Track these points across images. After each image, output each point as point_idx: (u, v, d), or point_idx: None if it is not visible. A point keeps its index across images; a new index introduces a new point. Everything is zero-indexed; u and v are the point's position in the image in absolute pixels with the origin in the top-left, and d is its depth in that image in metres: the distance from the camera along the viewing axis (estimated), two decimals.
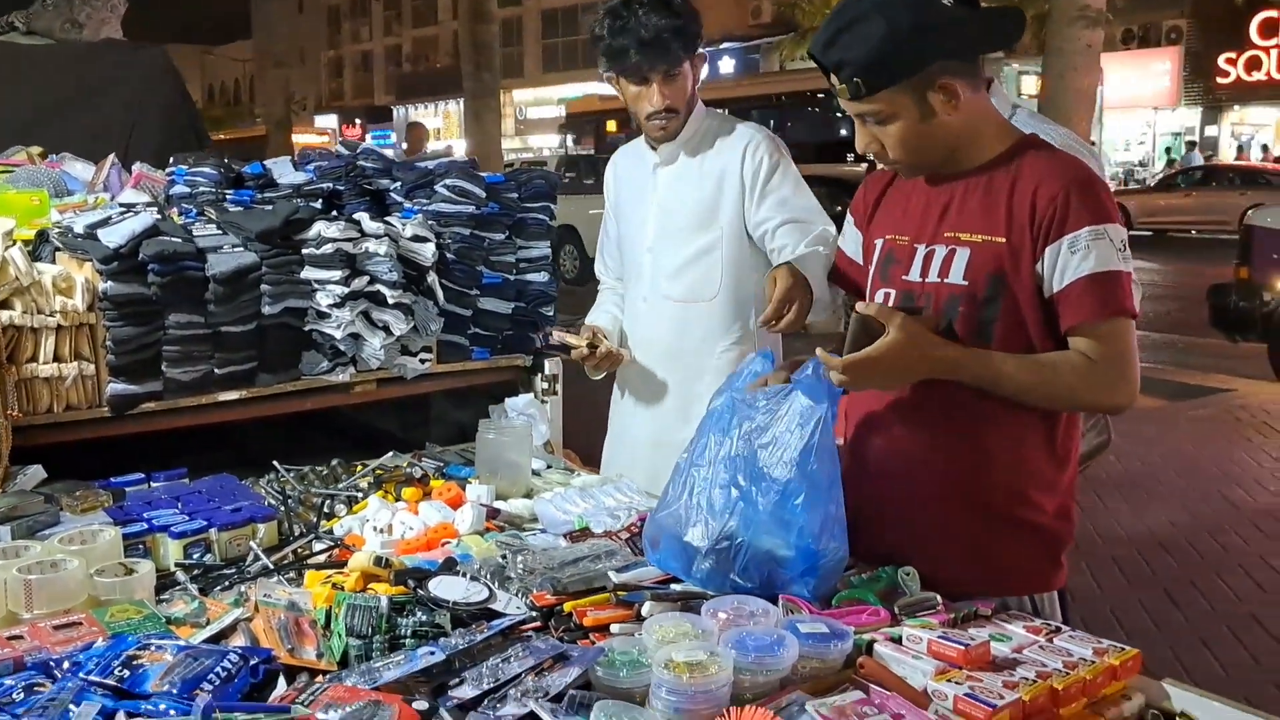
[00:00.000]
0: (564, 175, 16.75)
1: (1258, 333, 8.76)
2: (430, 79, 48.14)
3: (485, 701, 1.58)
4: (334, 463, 2.76)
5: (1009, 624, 1.82)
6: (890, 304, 2.06)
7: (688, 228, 2.82)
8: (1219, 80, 28.77)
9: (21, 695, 1.61)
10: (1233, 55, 28.19)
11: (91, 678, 1.60)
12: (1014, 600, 2.00)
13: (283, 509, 2.45)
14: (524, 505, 2.53)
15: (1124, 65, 28.76)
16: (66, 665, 1.68)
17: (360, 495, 2.55)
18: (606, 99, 16.79)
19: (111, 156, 3.60)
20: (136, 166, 3.56)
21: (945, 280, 2.03)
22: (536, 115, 43.15)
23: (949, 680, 1.61)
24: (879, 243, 2.18)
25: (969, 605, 1.85)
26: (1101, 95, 10.68)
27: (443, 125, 46.07)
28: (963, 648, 1.67)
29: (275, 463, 2.66)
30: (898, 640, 1.74)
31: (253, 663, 1.67)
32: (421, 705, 1.59)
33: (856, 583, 1.95)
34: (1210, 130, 30.34)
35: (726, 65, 36.44)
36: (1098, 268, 1.91)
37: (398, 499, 2.49)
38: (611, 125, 17.45)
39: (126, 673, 1.62)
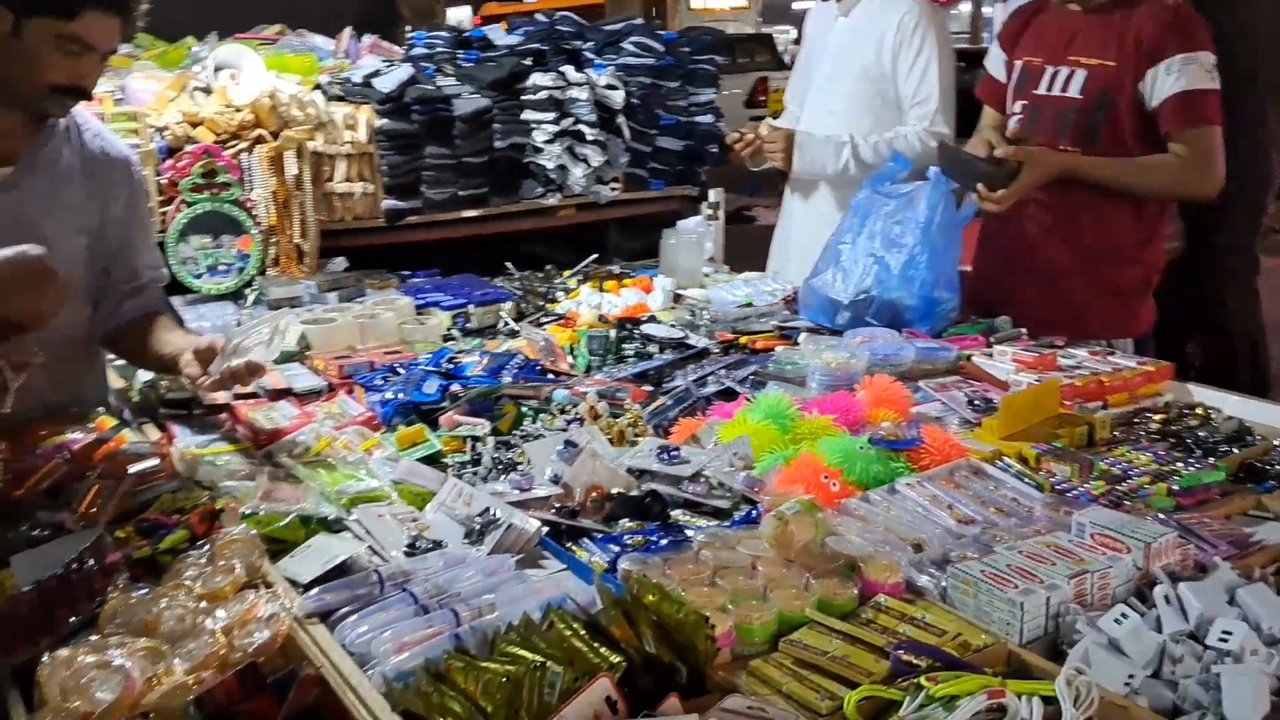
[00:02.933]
0: None
1: None
2: None
3: (692, 385, 2.29)
4: (548, 268, 3.50)
5: (1075, 350, 2.44)
6: (1024, 114, 2.69)
7: (854, 72, 3.26)
8: None
9: (382, 381, 2.40)
10: None
11: (429, 368, 2.38)
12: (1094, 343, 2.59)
13: (519, 294, 3.19)
14: (700, 293, 3.21)
15: None
16: (406, 366, 2.46)
17: (574, 288, 3.28)
18: None
19: (349, 29, 4.34)
20: (368, 37, 4.29)
21: (1065, 94, 2.63)
22: None
23: (1023, 374, 2.25)
24: (1018, 63, 2.77)
25: (1047, 340, 2.47)
26: None
27: None
28: (1036, 355, 2.30)
29: (507, 264, 3.40)
30: (990, 355, 2.39)
31: (531, 363, 2.43)
32: (648, 389, 2.31)
33: (964, 326, 2.59)
34: None
35: None
36: (1189, 86, 2.49)
37: (602, 288, 3.21)
38: None
39: (450, 365, 2.39)
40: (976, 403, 2.10)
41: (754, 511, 1.67)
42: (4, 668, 1.40)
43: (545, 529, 1.62)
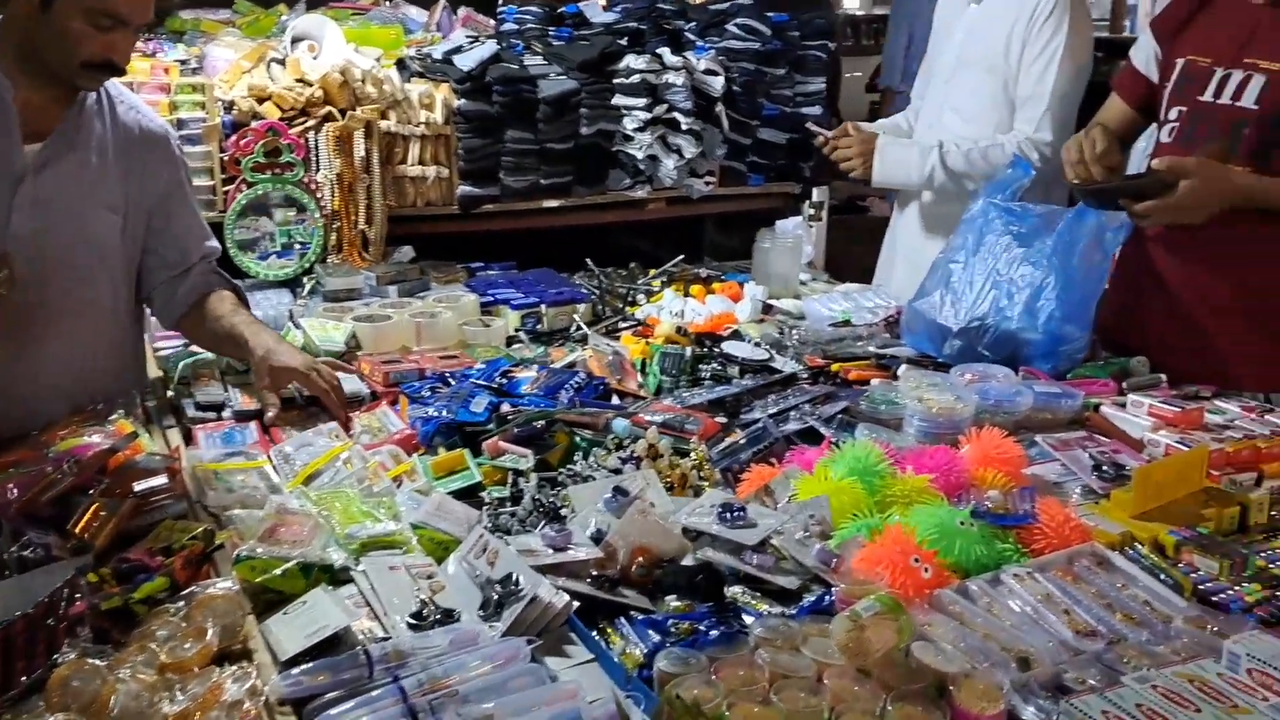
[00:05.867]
0: None
1: None
2: None
3: (772, 420, 2.02)
4: (632, 265, 3.24)
5: (1226, 404, 2.08)
6: (1180, 122, 2.27)
7: (981, 65, 2.91)
8: None
9: (428, 393, 2.18)
10: None
11: (479, 382, 2.15)
12: (1248, 395, 2.19)
13: (596, 295, 2.95)
14: (793, 304, 2.93)
15: None
16: (457, 377, 2.24)
17: (656, 290, 3.02)
18: None
19: (442, 1, 4.14)
20: (463, 9, 4.08)
21: (1237, 103, 2.20)
22: None
23: (1163, 433, 1.91)
24: (1180, 62, 2.33)
25: (1192, 388, 2.12)
26: None
27: None
28: (1178, 410, 1.96)
29: (587, 260, 3.16)
30: (1123, 405, 2.05)
31: (594, 382, 2.18)
32: (721, 420, 2.05)
33: (1092, 366, 2.25)
34: None
35: None
36: None
37: (687, 293, 2.94)
38: None
39: (504, 380, 2.16)
40: (1105, 468, 1.78)
41: (827, 597, 1.40)
42: None
43: (576, 604, 1.37)
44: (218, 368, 2.31)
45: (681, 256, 3.22)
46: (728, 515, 1.54)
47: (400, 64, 3.30)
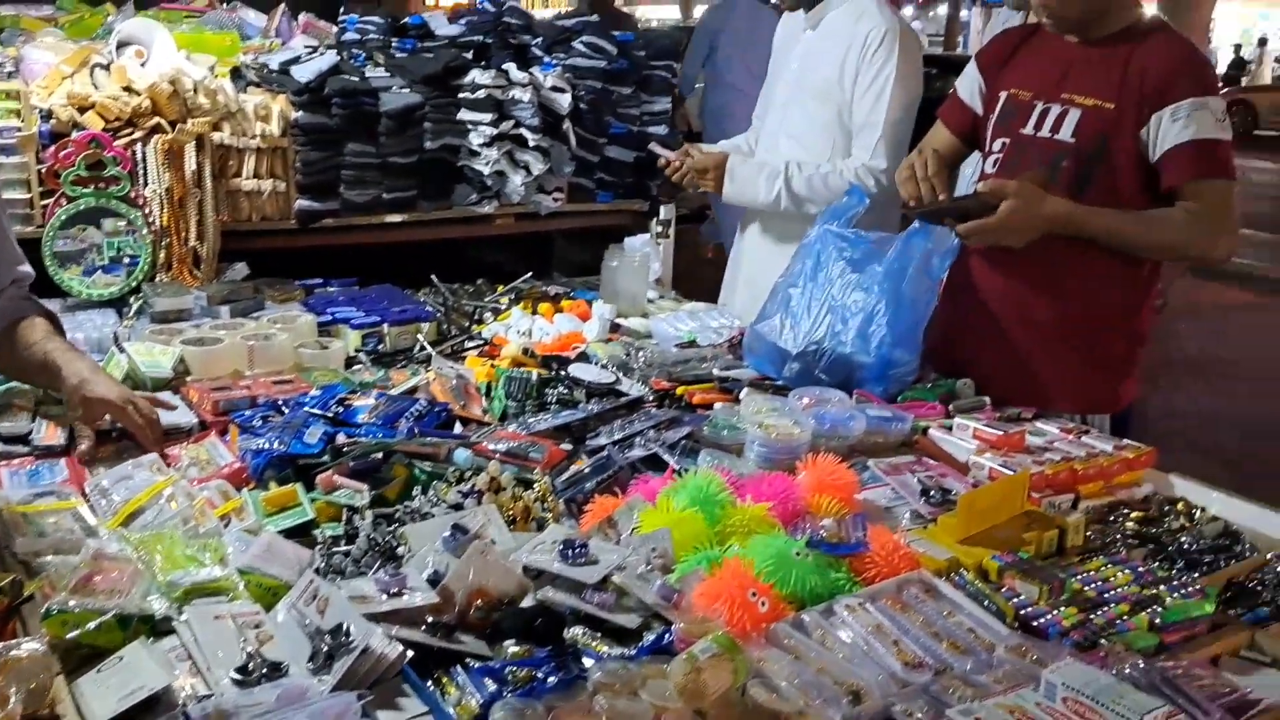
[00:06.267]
0: None
1: None
2: None
3: (616, 447, 2.02)
4: (479, 281, 3.20)
5: (1046, 425, 2.19)
6: (1004, 153, 2.38)
7: (814, 94, 2.98)
8: None
9: (260, 423, 2.09)
10: None
11: (314, 410, 2.08)
12: (1066, 416, 2.30)
13: (441, 313, 2.89)
14: (641, 323, 2.94)
15: None
16: (291, 405, 2.16)
17: (503, 308, 2.99)
18: None
19: (282, 5, 4.00)
20: (303, 15, 3.96)
21: (1055, 136, 2.31)
22: None
23: (986, 456, 2.00)
24: (1003, 95, 2.44)
25: (1014, 410, 2.22)
26: None
27: None
28: (1001, 434, 2.05)
29: (433, 276, 3.10)
30: (949, 428, 2.13)
31: (436, 409, 2.14)
32: (566, 446, 2.04)
33: (921, 387, 2.33)
34: None
35: None
36: (1199, 135, 2.18)
37: (534, 311, 2.92)
38: None
39: (340, 409, 2.10)
40: (932, 493, 1.84)
41: (667, 635, 1.40)
42: None
43: (410, 654, 1.34)
44: (34, 397, 2.17)
45: (530, 274, 3.20)
46: (569, 553, 1.53)
47: (235, 72, 3.17)
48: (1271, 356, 6.75)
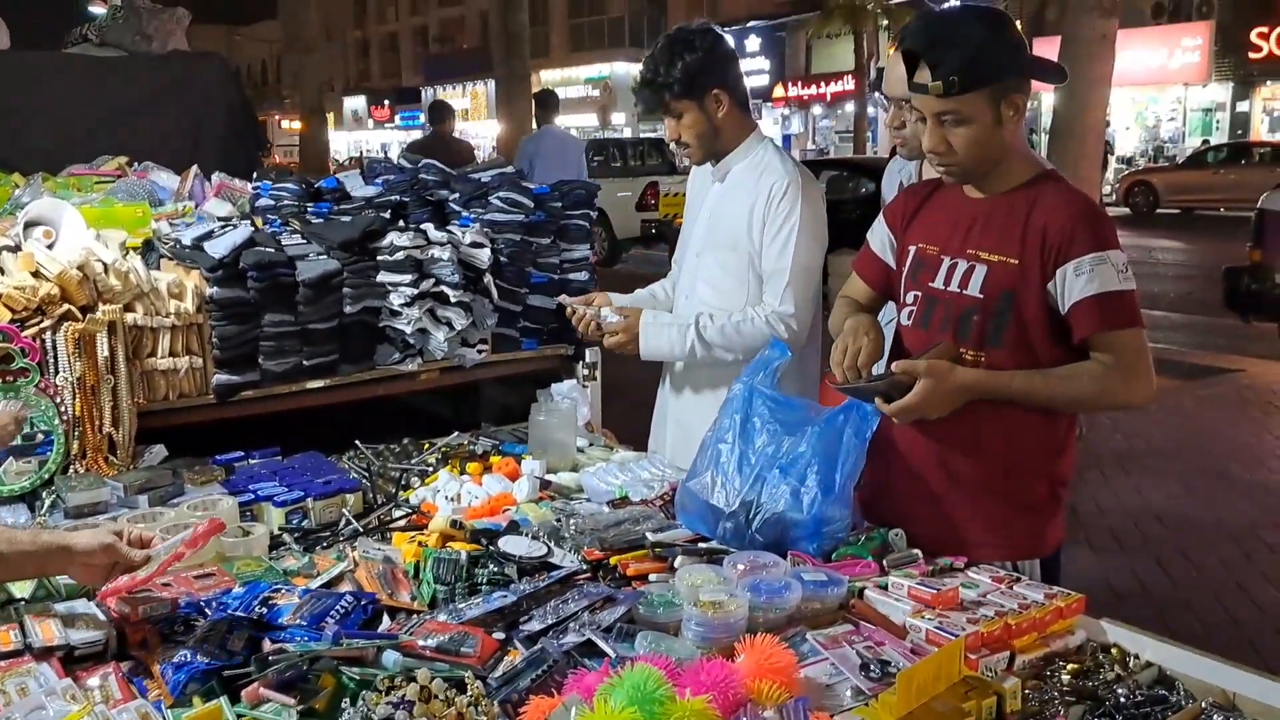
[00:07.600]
0: (593, 159, 17.15)
1: (1269, 314, 9.04)
2: (458, 60, 48.50)
3: (550, 633, 1.98)
4: (405, 441, 3.17)
5: (978, 575, 2.20)
6: (917, 306, 2.44)
7: (725, 244, 3.07)
8: (1251, 55, 28.42)
9: (182, 629, 2.02)
10: (1265, 29, 27.83)
11: (238, 614, 2.01)
12: (997, 564, 2.31)
13: (366, 481, 2.85)
14: (571, 478, 2.92)
15: (1153, 40, 28.63)
16: (214, 606, 2.09)
17: (430, 469, 2.96)
18: None
19: (194, 168, 4.01)
20: (217, 177, 3.97)
21: (964, 291, 2.36)
22: (564, 95, 43.38)
23: (923, 617, 2.00)
24: (912, 249, 2.50)
25: (946, 561, 2.23)
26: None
27: (470, 106, 46.45)
28: (935, 592, 2.06)
29: (357, 441, 3.06)
30: (884, 587, 2.13)
31: (363, 603, 2.08)
32: (499, 636, 1.99)
33: (854, 542, 2.34)
34: (1241, 106, 30.10)
35: (753, 44, 36.61)
36: (1102, 289, 2.23)
37: (463, 472, 2.89)
38: None
39: (264, 610, 2.04)
40: (872, 667, 1.83)
41: None
42: None
43: None
44: None
45: (455, 433, 3.18)
46: None
47: (148, 244, 3.15)
48: (1193, 445, 6.92)
